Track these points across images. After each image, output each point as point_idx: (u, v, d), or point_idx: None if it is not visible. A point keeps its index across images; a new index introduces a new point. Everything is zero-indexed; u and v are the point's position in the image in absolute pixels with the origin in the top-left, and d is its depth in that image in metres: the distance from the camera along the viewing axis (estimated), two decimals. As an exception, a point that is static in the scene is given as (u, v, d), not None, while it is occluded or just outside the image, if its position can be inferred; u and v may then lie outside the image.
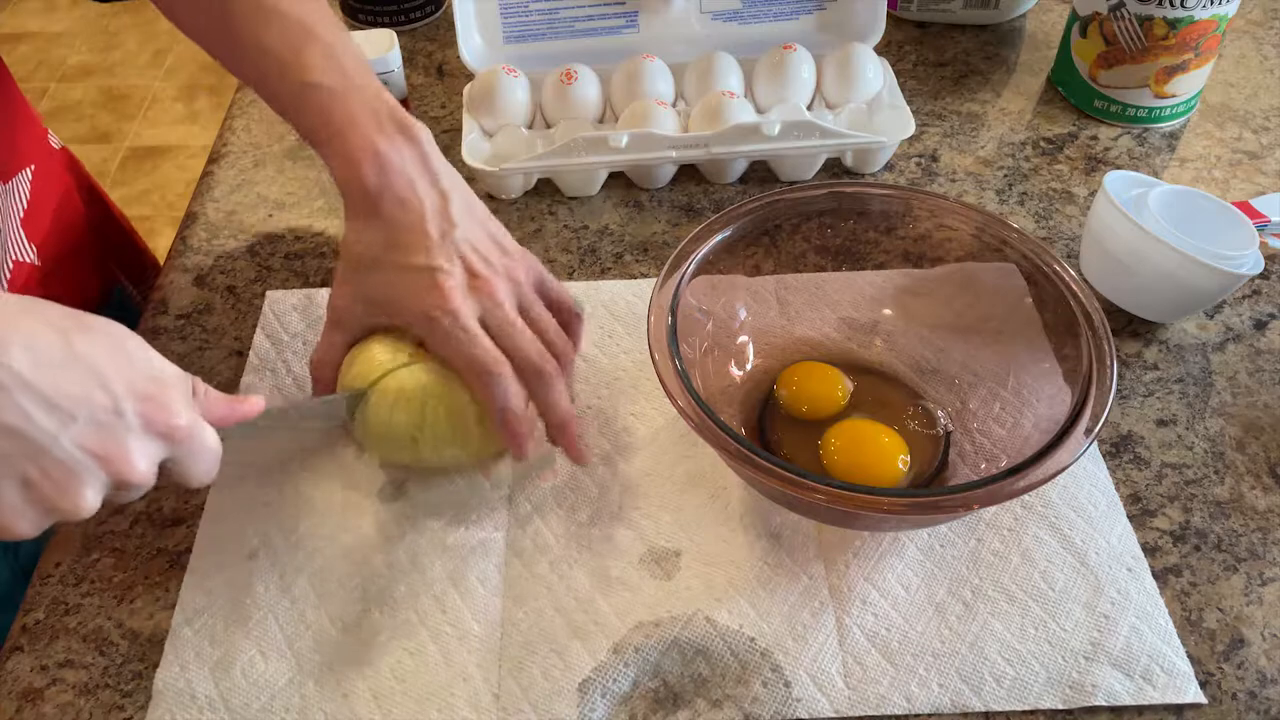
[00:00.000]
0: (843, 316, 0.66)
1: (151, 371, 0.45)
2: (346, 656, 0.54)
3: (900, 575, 0.56)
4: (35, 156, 0.73)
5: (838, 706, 0.52)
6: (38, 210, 0.72)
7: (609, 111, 0.83)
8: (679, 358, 0.54)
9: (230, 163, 0.84)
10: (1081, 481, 0.60)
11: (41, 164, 0.74)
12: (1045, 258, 0.58)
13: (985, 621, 0.54)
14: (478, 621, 0.55)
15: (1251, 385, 0.66)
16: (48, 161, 0.75)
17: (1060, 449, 0.50)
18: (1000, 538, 0.58)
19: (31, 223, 0.71)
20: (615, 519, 0.59)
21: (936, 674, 0.53)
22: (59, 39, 2.64)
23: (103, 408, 0.43)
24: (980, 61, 0.92)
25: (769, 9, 0.85)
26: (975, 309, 0.63)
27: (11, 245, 0.68)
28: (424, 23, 0.97)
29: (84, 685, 0.54)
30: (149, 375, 0.45)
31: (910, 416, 0.62)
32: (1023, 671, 0.53)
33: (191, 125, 2.42)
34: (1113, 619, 0.54)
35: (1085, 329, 0.55)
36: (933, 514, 0.52)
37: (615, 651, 0.53)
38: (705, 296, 0.61)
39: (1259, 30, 0.95)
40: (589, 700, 0.52)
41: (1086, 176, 0.80)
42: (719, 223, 0.61)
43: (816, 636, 0.54)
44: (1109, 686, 0.52)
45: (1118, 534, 0.58)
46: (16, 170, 0.70)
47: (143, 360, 0.45)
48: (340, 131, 0.56)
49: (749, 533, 0.58)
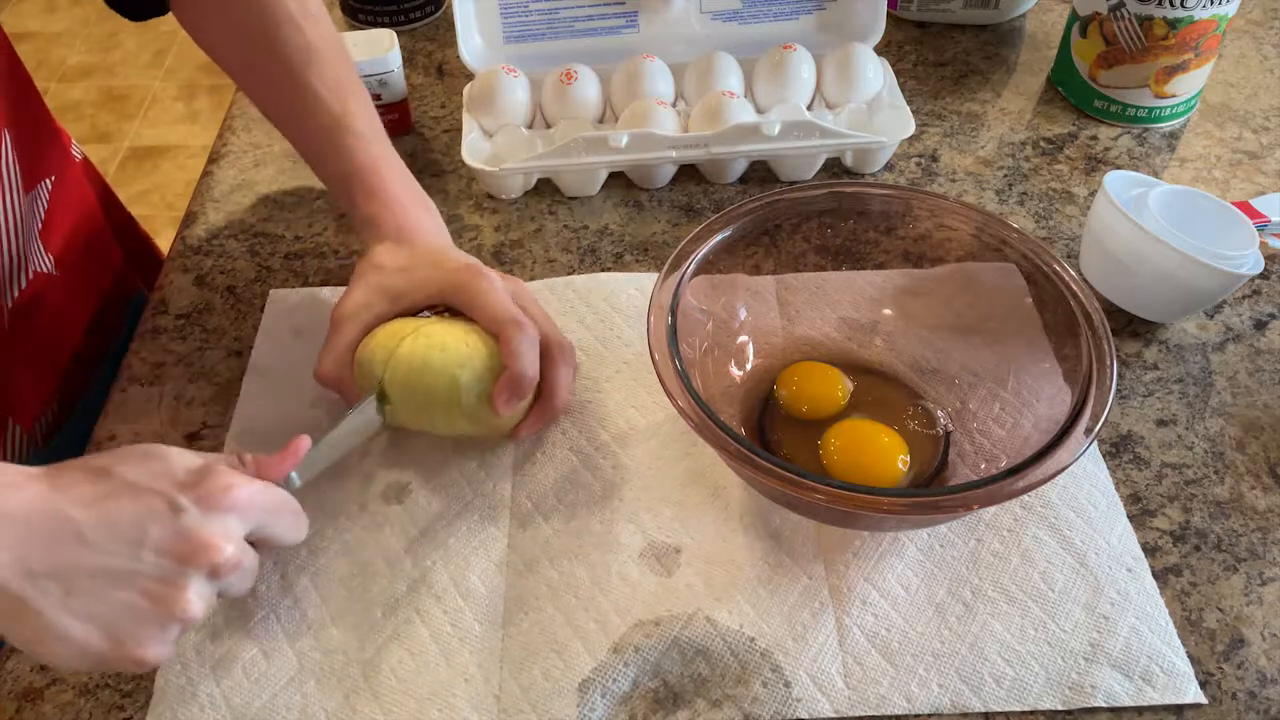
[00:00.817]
0: (843, 316, 0.66)
1: (189, 475, 0.46)
2: (348, 656, 0.54)
3: (900, 575, 0.56)
4: (56, 167, 0.73)
5: (838, 707, 0.52)
6: (56, 220, 0.72)
7: (609, 111, 0.83)
8: (679, 358, 0.54)
9: (230, 163, 0.84)
10: (1081, 482, 0.60)
11: (61, 175, 0.74)
12: (1045, 257, 0.58)
13: (985, 622, 0.54)
14: (479, 622, 0.55)
15: (1251, 385, 0.66)
16: (68, 172, 0.76)
17: (1060, 449, 0.50)
18: (1000, 538, 0.58)
19: (49, 233, 0.72)
20: (615, 513, 0.59)
21: (936, 674, 0.53)
22: (59, 39, 2.64)
23: (149, 566, 0.44)
24: (980, 61, 0.92)
25: (769, 9, 0.85)
26: (975, 309, 0.63)
27: (33, 255, 0.69)
28: (424, 23, 0.97)
29: (84, 685, 0.54)
30: (188, 479, 0.46)
31: (910, 416, 0.62)
32: (1022, 672, 0.53)
33: (191, 125, 2.42)
34: (1112, 620, 0.54)
35: (1085, 329, 0.55)
36: (932, 514, 0.52)
37: (615, 651, 0.53)
38: (706, 296, 0.61)
39: (1259, 30, 0.95)
40: (589, 700, 0.52)
41: (1086, 176, 0.80)
42: (719, 223, 0.61)
43: (816, 637, 0.54)
44: (1108, 687, 0.52)
45: (1118, 534, 0.58)
46: (38, 180, 0.71)
47: (180, 467, 0.47)
48: (376, 170, 0.62)
49: (749, 532, 0.58)
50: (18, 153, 0.67)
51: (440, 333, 0.57)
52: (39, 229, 0.70)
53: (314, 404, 0.65)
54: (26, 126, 0.69)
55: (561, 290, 0.71)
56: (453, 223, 0.77)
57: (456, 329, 0.58)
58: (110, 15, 0.67)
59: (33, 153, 0.70)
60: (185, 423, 0.65)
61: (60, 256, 0.72)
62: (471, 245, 0.76)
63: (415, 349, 0.57)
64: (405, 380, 0.57)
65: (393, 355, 0.57)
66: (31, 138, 0.70)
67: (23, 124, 0.68)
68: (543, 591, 0.56)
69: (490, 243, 0.76)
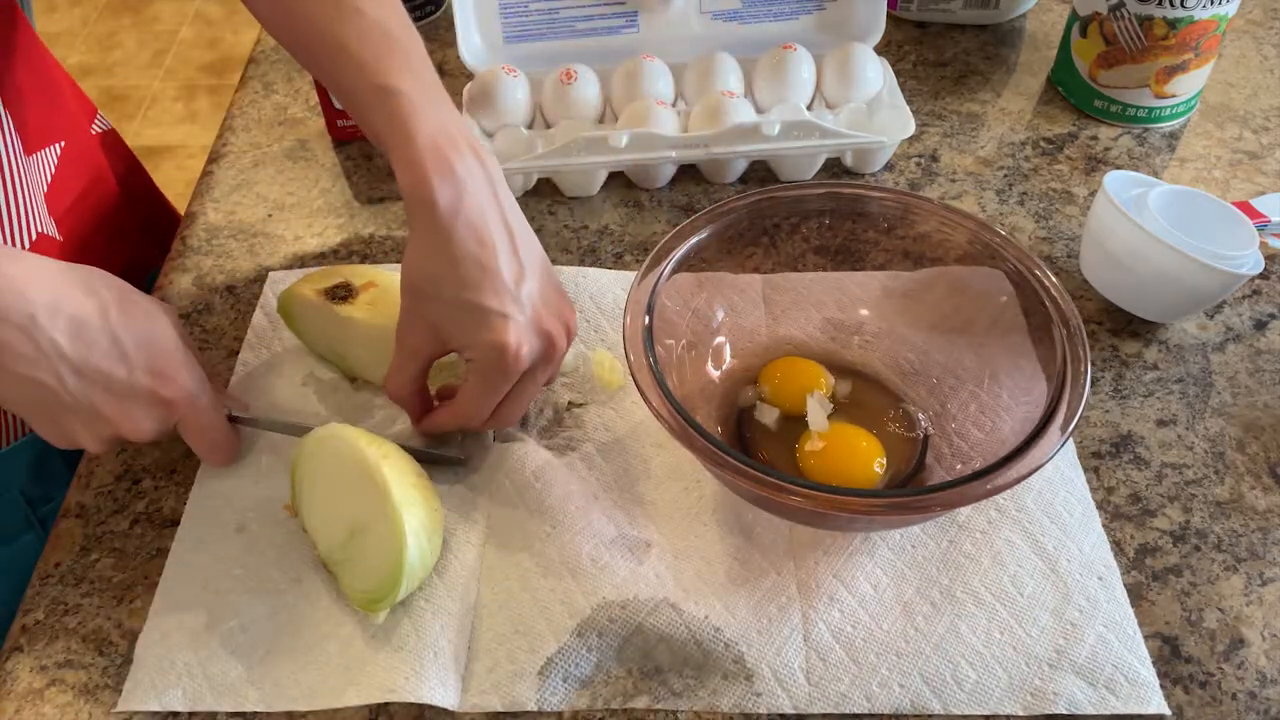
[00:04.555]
0: (827, 317, 0.66)
1: (168, 358, 0.55)
2: (323, 631, 0.54)
3: (870, 574, 0.56)
4: (67, 134, 0.73)
5: (797, 703, 0.52)
6: (63, 186, 0.73)
7: (609, 111, 0.83)
8: (654, 357, 0.54)
9: (230, 163, 0.84)
10: (1058, 488, 0.60)
11: (74, 143, 0.74)
12: (1028, 263, 0.58)
13: (951, 623, 0.54)
14: (453, 599, 0.55)
15: (1251, 385, 0.66)
16: (82, 141, 0.76)
17: (1032, 450, 0.50)
18: (973, 540, 0.57)
19: (55, 198, 0.71)
20: (590, 505, 0.59)
21: (899, 674, 0.52)
22: (59, 39, 2.64)
23: (120, 381, 0.53)
24: (980, 61, 0.92)
25: (769, 9, 0.85)
26: (961, 313, 0.63)
27: (35, 216, 0.68)
28: (424, 23, 0.97)
29: (84, 685, 0.54)
30: (165, 354, 0.54)
31: (890, 419, 0.62)
32: (985, 676, 0.52)
33: (191, 125, 2.42)
34: (1080, 627, 0.54)
35: (1060, 329, 0.55)
36: (903, 515, 0.52)
37: (579, 634, 0.53)
38: (690, 294, 0.61)
39: (1259, 30, 0.95)
40: (550, 684, 0.52)
41: (1086, 176, 0.80)
42: (700, 221, 0.61)
43: (781, 631, 0.54)
44: (1071, 694, 0.52)
45: (1091, 542, 0.57)
46: (44, 144, 0.71)
47: (166, 342, 0.55)
48: (412, 138, 0.54)
49: (721, 527, 0.58)
50: (14, 112, 0.67)
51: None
52: (45, 192, 0.70)
53: (305, 382, 0.66)
54: (30, 87, 0.69)
55: None
56: (453, 223, 0.77)
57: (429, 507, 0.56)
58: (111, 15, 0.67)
59: (40, 115, 0.70)
60: (185, 423, 0.65)
61: (64, 221, 0.72)
62: (471, 245, 0.76)
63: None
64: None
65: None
66: (39, 102, 0.70)
67: (25, 84, 0.69)
68: (513, 574, 0.56)
69: (490, 243, 0.76)
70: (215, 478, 0.61)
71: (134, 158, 0.85)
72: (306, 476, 0.57)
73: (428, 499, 0.55)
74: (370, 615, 0.54)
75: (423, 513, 0.53)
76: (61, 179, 0.72)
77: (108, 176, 0.79)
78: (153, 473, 0.62)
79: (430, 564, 0.54)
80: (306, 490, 0.57)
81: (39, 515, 0.71)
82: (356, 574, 0.54)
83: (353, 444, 0.54)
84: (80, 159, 0.75)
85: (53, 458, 0.71)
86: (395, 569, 0.52)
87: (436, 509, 0.55)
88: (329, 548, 0.55)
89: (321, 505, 0.56)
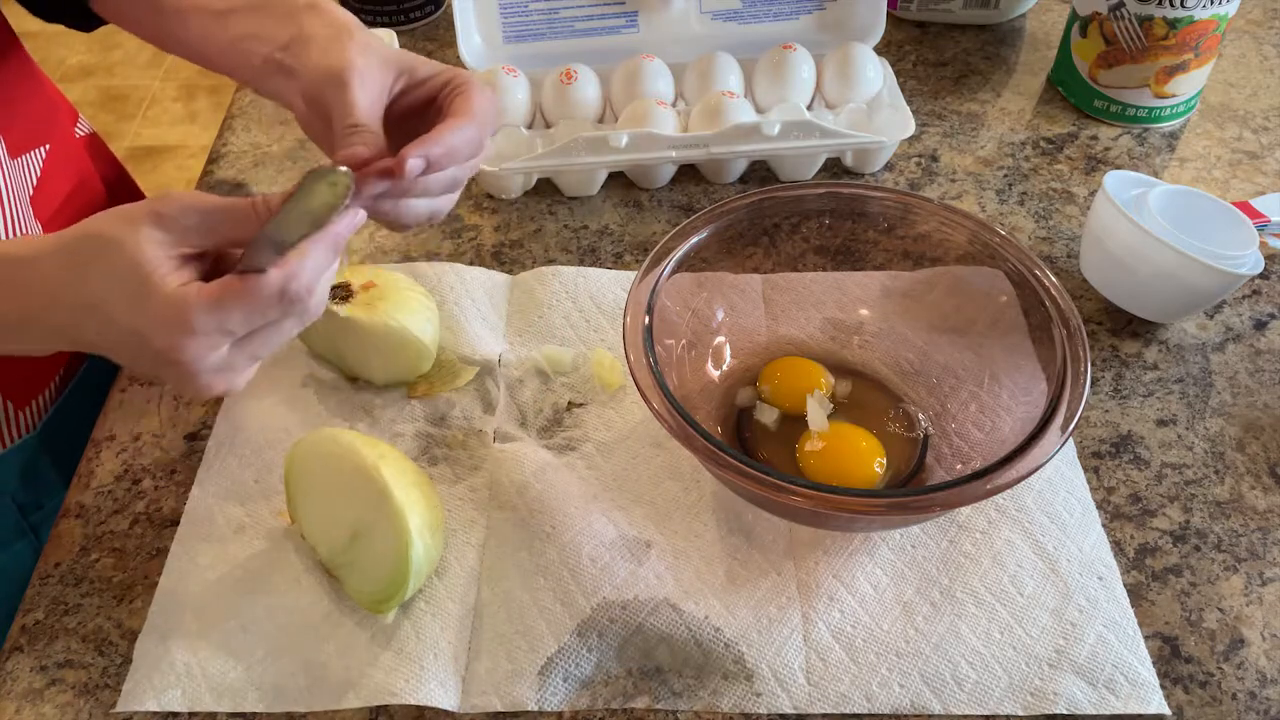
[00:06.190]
0: (827, 317, 0.66)
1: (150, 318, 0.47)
2: (323, 632, 0.54)
3: (870, 574, 0.56)
4: (52, 137, 0.73)
5: (797, 703, 0.52)
6: (49, 189, 0.72)
7: (609, 111, 0.83)
8: (653, 357, 0.54)
9: (230, 163, 0.84)
10: (1058, 488, 0.60)
11: (59, 146, 0.74)
12: (1028, 263, 0.58)
13: (951, 623, 0.54)
14: (453, 600, 0.55)
15: (1251, 385, 0.66)
16: (67, 144, 0.76)
17: (1032, 450, 0.50)
18: (973, 540, 0.57)
19: (41, 200, 0.71)
20: (591, 505, 0.59)
21: (899, 674, 0.52)
22: (59, 39, 2.64)
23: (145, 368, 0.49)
24: (980, 61, 0.92)
25: (769, 9, 0.85)
26: (961, 313, 0.63)
27: (19, 220, 0.69)
28: (424, 22, 0.97)
29: (84, 685, 0.54)
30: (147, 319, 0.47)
31: (890, 419, 0.62)
32: (985, 676, 0.52)
33: (191, 125, 2.42)
34: (1080, 627, 0.54)
35: (1060, 329, 0.55)
36: (902, 515, 0.52)
37: (579, 634, 0.53)
38: (690, 294, 0.61)
39: (1259, 30, 0.95)
40: (550, 684, 0.52)
41: (1086, 176, 0.80)
42: (700, 221, 0.61)
43: (781, 631, 0.54)
44: (1071, 694, 0.52)
45: (1091, 542, 0.57)
46: (29, 148, 0.71)
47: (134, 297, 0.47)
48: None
49: (721, 527, 0.58)
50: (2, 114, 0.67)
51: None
52: (30, 195, 0.70)
53: (304, 382, 0.66)
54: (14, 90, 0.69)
55: (549, 280, 0.71)
56: (452, 222, 0.77)
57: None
58: (110, 15, 0.67)
59: (24, 118, 0.70)
60: (184, 423, 0.65)
61: (52, 224, 0.72)
62: (471, 245, 0.76)
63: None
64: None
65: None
66: (23, 106, 0.70)
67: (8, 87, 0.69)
68: (512, 574, 0.56)
69: (490, 242, 0.76)
70: (214, 482, 0.61)
71: (118, 162, 0.85)
72: (301, 484, 0.57)
73: (428, 496, 0.55)
74: (379, 616, 0.54)
75: (424, 510, 0.54)
76: (47, 182, 0.72)
77: (94, 180, 0.79)
78: (153, 473, 0.62)
79: (435, 559, 0.55)
80: (302, 497, 0.57)
81: (30, 523, 0.71)
82: (362, 576, 0.54)
83: (347, 446, 0.54)
84: (66, 162, 0.75)
85: (44, 464, 0.71)
86: (402, 568, 0.52)
87: (437, 505, 0.55)
88: (331, 552, 0.55)
89: (319, 511, 0.56)
